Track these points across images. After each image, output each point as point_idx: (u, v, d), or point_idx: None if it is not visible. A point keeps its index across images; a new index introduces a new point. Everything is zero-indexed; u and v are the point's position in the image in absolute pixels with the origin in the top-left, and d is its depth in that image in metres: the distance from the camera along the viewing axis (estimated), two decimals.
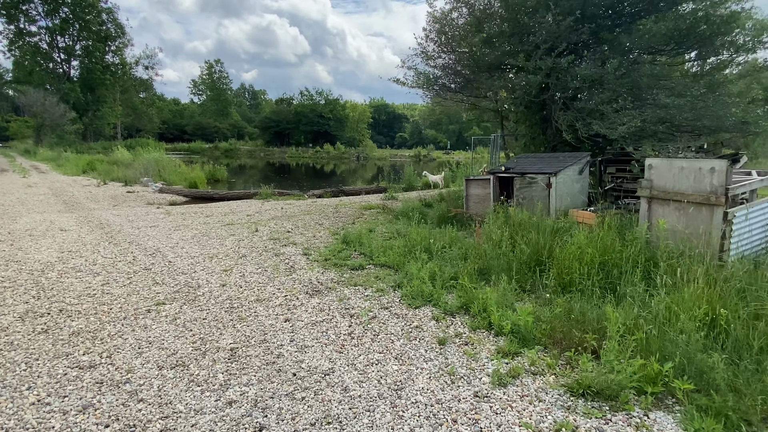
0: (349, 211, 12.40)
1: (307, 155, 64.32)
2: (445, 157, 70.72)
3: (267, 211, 12.27)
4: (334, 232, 9.44)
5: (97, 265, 6.80)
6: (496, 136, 13.14)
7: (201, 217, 11.34)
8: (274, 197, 15.88)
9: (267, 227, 9.85)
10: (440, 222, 9.89)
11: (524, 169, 9.15)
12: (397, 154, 69.81)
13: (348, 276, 6.33)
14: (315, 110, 78.46)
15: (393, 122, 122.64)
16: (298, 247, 8.02)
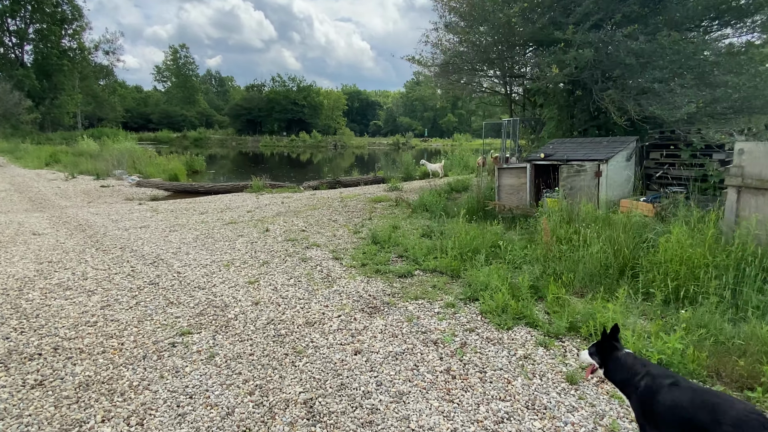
0: (359, 204, 11.34)
1: (282, 144, 62.23)
2: (423, 145, 69.97)
3: (267, 206, 11.07)
4: (354, 230, 8.39)
5: (89, 279, 5.57)
6: (514, 120, 12.26)
7: (195, 214, 10.06)
8: (267, 190, 14.63)
9: (277, 226, 8.70)
10: (471, 216, 8.98)
11: (567, 155, 8.31)
12: (376, 142, 68.48)
13: (400, 286, 5.33)
14: (288, 97, 75.97)
15: (366, 110, 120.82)
16: (324, 250, 6.95)
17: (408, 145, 63.99)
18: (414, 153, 55.02)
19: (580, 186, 7.81)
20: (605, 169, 7.71)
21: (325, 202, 11.67)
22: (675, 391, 2.18)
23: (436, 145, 71.37)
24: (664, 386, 2.22)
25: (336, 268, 6.03)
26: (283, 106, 75.61)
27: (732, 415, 1.95)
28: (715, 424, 1.96)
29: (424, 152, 59.29)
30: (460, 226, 6.84)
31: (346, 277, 5.67)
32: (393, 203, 11.24)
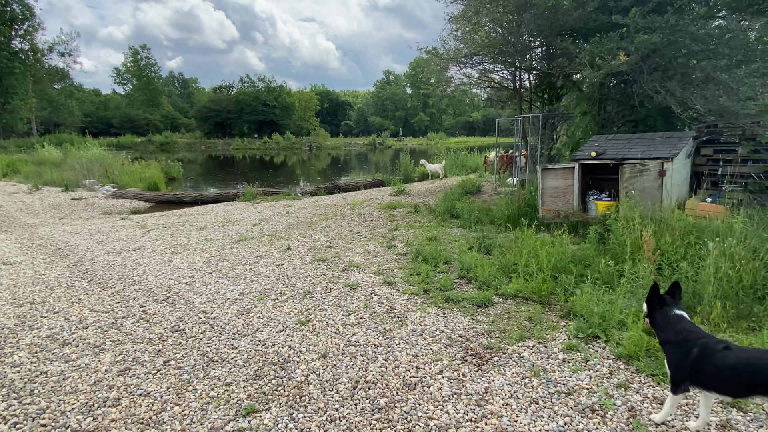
0: (373, 212, 10.29)
1: (254, 146, 60.15)
2: (399, 144, 69.14)
3: (273, 218, 9.88)
4: (386, 244, 7.36)
5: (90, 327, 4.34)
6: (534, 117, 11.46)
7: (194, 230, 8.78)
8: (262, 198, 13.38)
9: (296, 242, 7.56)
10: (512, 223, 8.10)
11: (620, 153, 7.53)
12: (351, 142, 67.14)
13: (487, 320, 4.35)
14: (258, 98, 73.54)
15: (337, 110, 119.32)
16: (367, 272, 5.89)
17: (384, 144, 63.07)
18: (391, 153, 54.23)
19: (643, 187, 7.03)
20: (670, 168, 6.96)
21: (335, 211, 10.56)
22: (731, 353, 2.41)
23: (411, 144, 70.65)
24: (718, 350, 2.44)
25: (396, 297, 4.99)
26: (253, 108, 73.25)
27: None
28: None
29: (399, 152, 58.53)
30: (529, 239, 5.91)
31: (415, 309, 4.64)
32: (411, 210, 10.24)
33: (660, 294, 2.81)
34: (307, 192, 14.20)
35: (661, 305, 2.78)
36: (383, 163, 29.89)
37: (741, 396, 2.54)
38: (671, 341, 2.63)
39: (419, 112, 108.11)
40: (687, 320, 2.69)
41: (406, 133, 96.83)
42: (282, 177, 25.81)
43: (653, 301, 2.82)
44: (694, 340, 2.53)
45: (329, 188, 14.77)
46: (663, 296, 2.81)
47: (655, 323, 2.80)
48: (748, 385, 2.33)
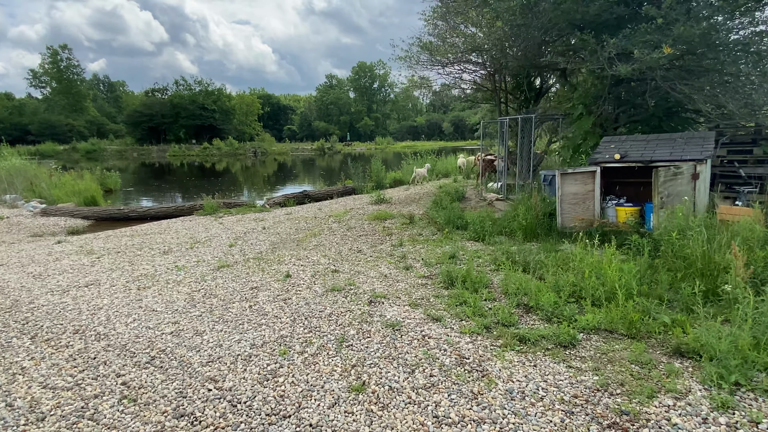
0: (363, 224, 9.20)
1: (193, 153, 56.59)
2: (347, 149, 67.99)
3: (248, 235, 8.52)
4: (400, 264, 6.34)
5: (48, 419, 2.98)
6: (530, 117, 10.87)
7: (155, 255, 7.28)
8: (225, 211, 11.86)
9: (293, 266, 6.34)
10: (532, 234, 7.34)
11: (645, 155, 6.98)
12: (299, 147, 64.97)
13: (589, 367, 3.47)
14: (196, 102, 69.38)
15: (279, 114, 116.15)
16: (399, 304, 4.83)
17: (333, 149, 61.67)
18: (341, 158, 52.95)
19: (677, 192, 6.49)
20: (703, 170, 6.48)
21: (319, 225, 9.36)
22: None
23: (360, 149, 69.80)
24: None
25: (456, 339, 3.98)
26: (190, 112, 69.11)
27: None
28: None
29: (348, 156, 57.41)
30: (579, 254, 5.12)
31: (491, 356, 3.66)
32: (406, 221, 9.25)
33: None
34: (276, 203, 12.81)
35: None
36: (336, 168, 28.79)
37: None
38: None
39: (364, 117, 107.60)
40: None
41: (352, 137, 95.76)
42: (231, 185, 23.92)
43: None
44: None
45: (299, 198, 13.45)
46: None
47: None
48: None
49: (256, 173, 33.88)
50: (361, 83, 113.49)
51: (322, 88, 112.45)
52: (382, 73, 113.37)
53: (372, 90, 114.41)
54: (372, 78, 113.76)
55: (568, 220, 7.42)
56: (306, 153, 59.53)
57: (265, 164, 44.76)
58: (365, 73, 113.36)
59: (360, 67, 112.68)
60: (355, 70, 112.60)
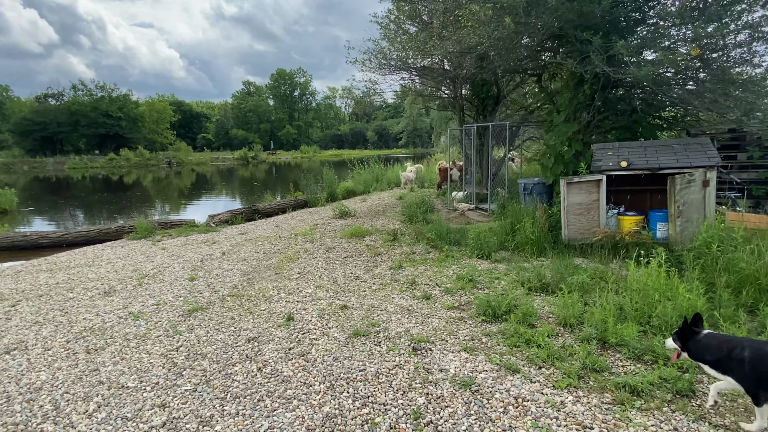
0: (342, 243, 8.12)
1: (97, 165, 50.74)
2: (272, 158, 65.21)
3: (207, 263, 7.08)
4: (416, 292, 5.42)
5: None
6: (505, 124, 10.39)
7: (95, 297, 5.65)
8: (162, 232, 10.12)
9: (286, 303, 5.13)
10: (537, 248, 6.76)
11: (650, 163, 6.69)
12: (219, 157, 60.92)
13: (735, 423, 2.80)
14: (98, 108, 62.40)
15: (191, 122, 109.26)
16: (450, 349, 3.90)
17: (258, 159, 58.79)
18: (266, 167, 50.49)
19: (690, 200, 6.24)
20: (712, 177, 6.30)
21: (288, 245, 8.11)
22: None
23: (285, 157, 67.34)
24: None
25: (556, 398, 3.14)
26: (92, 120, 62.20)
27: None
28: None
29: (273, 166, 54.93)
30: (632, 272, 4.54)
31: (619, 423, 2.86)
32: (389, 237, 8.30)
33: (689, 326, 2.91)
34: (222, 220, 11.20)
35: (693, 333, 2.89)
36: (263, 178, 27.28)
37: None
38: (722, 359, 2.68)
39: (286, 125, 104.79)
40: (717, 334, 2.88)
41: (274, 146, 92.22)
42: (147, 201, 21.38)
43: (685, 334, 2.91)
44: (740, 346, 2.62)
45: (247, 213, 11.94)
46: (691, 328, 2.91)
47: (692, 353, 2.87)
48: None
49: (175, 186, 30.86)
50: (281, 90, 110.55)
51: (239, 95, 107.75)
52: (302, 81, 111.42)
53: (293, 98, 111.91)
54: (292, 86, 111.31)
55: (574, 232, 6.95)
56: (227, 163, 56.07)
57: (182, 176, 41.21)
58: (285, 81, 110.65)
59: (279, 74, 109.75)
60: (275, 78, 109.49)
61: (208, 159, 57.35)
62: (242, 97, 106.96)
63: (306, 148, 74.47)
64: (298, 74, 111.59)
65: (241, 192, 25.08)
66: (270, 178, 35.43)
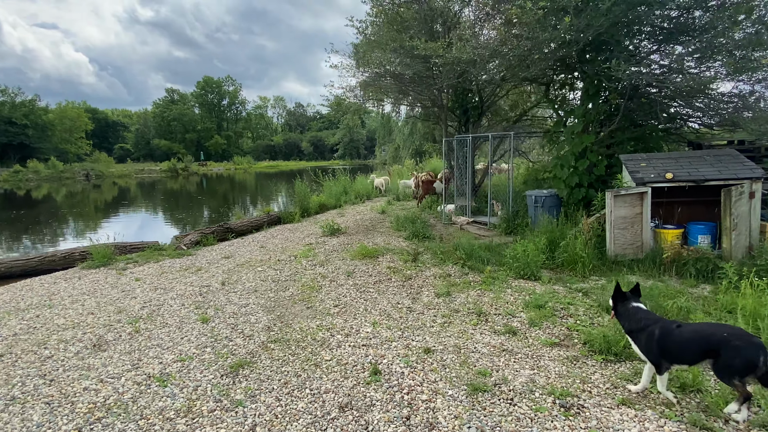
0: (358, 266, 7.16)
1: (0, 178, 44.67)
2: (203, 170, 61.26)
3: (210, 297, 5.82)
4: (496, 327, 4.67)
5: None
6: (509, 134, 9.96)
7: (84, 353, 4.28)
8: (125, 258, 8.52)
9: (351, 350, 4.15)
10: (585, 266, 6.28)
11: (693, 174, 6.49)
12: (144, 168, 55.91)
13: None
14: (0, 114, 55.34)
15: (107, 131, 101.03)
16: (608, 405, 3.20)
17: (188, 170, 54.97)
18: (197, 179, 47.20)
19: (740, 212, 6.07)
20: (758, 189, 6.19)
21: (298, 270, 7.01)
22: (684, 329, 3.01)
23: (218, 169, 63.64)
24: (673, 328, 3.02)
25: None
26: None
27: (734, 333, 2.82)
28: (724, 341, 2.76)
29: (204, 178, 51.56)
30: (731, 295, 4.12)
31: None
32: (407, 257, 7.48)
33: (622, 291, 3.43)
34: (192, 241, 9.70)
35: (623, 300, 3.41)
36: (194, 191, 25.50)
37: (695, 363, 2.98)
38: (634, 329, 3.22)
39: (214, 135, 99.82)
40: (644, 310, 3.30)
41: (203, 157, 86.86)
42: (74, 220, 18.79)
43: (616, 297, 3.44)
44: (653, 324, 3.11)
45: (218, 232, 10.50)
46: (625, 293, 3.43)
47: (619, 315, 3.40)
48: (701, 353, 2.88)
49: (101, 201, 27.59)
50: (208, 99, 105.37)
51: (162, 103, 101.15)
52: (231, 90, 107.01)
53: (221, 107, 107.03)
54: (220, 94, 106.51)
55: (619, 248, 6.56)
56: (154, 175, 51.73)
57: (102, 189, 37.23)
58: (212, 89, 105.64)
59: (206, 82, 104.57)
60: (201, 85, 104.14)
61: (132, 171, 52.54)
62: (165, 105, 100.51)
63: (240, 159, 71.14)
64: (227, 82, 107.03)
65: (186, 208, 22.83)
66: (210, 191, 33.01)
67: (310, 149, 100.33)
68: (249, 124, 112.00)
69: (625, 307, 3.34)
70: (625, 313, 3.31)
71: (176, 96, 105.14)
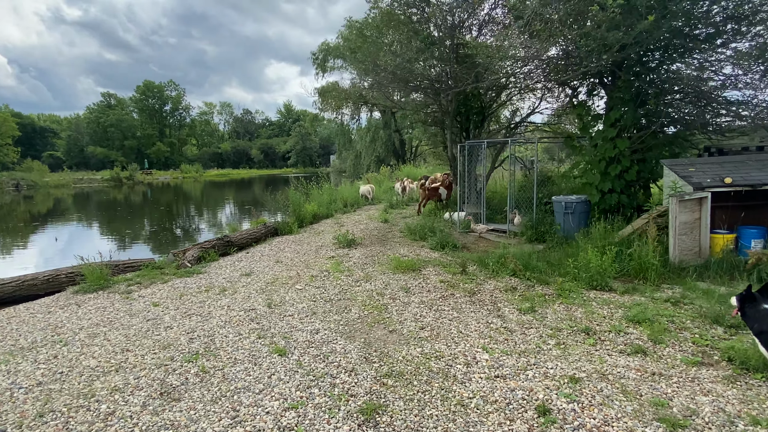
0: (411, 281, 6.55)
1: None
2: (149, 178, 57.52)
3: (265, 320, 5.02)
4: (618, 347, 4.26)
5: None
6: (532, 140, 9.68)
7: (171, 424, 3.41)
8: (124, 280, 7.42)
9: (491, 387, 3.58)
10: (660, 277, 6.05)
11: (748, 179, 6.47)
12: (84, 177, 51.47)
13: None
14: None
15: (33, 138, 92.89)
16: None
17: (134, 180, 51.40)
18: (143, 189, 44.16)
19: None
20: None
21: (342, 287, 6.30)
22: None
23: (164, 178, 60.02)
24: None
25: None
26: None
27: None
28: None
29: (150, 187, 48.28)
30: None
31: None
32: (455, 269, 6.97)
33: (752, 292, 3.36)
34: (192, 258, 8.64)
35: (752, 300, 3.33)
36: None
37: None
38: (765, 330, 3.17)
39: (156, 142, 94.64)
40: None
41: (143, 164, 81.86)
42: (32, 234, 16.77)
43: (745, 298, 3.37)
44: None
45: (219, 246, 9.47)
46: (754, 293, 3.35)
47: (746, 317, 3.36)
48: None
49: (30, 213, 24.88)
50: (148, 104, 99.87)
51: (97, 108, 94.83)
52: (174, 95, 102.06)
53: (163, 113, 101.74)
54: (162, 99, 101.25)
55: (683, 254, 6.41)
56: (95, 185, 47.87)
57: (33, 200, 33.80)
58: (153, 94, 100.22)
59: (147, 86, 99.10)
60: (141, 90, 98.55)
61: (70, 180, 48.29)
62: (101, 110, 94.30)
63: (187, 167, 67.73)
64: (169, 87, 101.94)
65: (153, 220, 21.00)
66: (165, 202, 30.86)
67: (260, 157, 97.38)
68: (194, 130, 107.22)
69: (755, 308, 3.28)
70: (755, 315, 3.27)
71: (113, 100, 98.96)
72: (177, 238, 15.46)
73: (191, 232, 17.20)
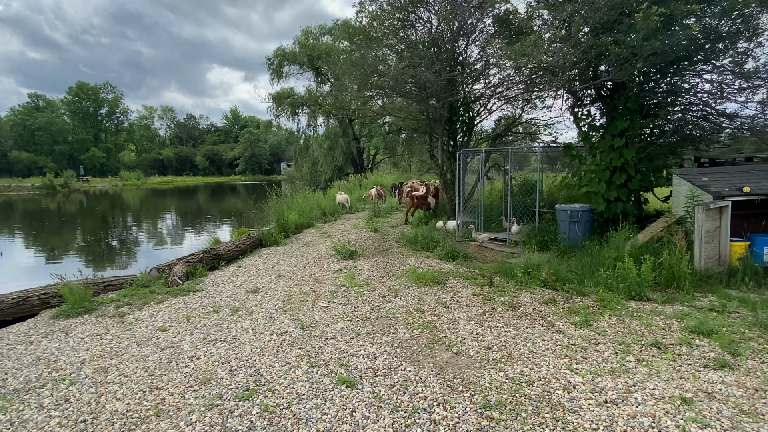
0: (441, 295, 6.16)
1: None
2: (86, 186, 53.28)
3: (307, 345, 4.46)
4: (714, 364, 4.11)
5: None
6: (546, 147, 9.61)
7: None
8: (114, 301, 6.51)
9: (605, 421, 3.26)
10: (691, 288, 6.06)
11: (762, 188, 6.67)
12: (11, 185, 46.73)
13: None
14: None
15: None
16: None
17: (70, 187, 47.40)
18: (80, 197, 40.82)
19: None
20: None
21: (373, 305, 5.80)
22: None
23: (102, 185, 55.82)
24: None
25: None
26: None
27: None
28: None
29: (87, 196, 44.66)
30: None
31: None
32: (483, 282, 6.67)
33: None
34: (181, 275, 7.76)
35: None
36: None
37: None
38: None
39: (91, 147, 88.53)
40: None
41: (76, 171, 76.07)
42: None
43: None
44: None
45: (207, 259, 8.62)
46: None
47: None
48: None
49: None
50: (82, 107, 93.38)
51: (23, 110, 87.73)
52: (111, 98, 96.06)
53: (99, 116, 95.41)
54: (98, 102, 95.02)
55: (707, 262, 6.48)
56: (25, 193, 43.68)
57: None
58: (88, 96, 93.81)
59: (80, 88, 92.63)
60: (74, 92, 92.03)
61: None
62: (28, 112, 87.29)
63: (127, 175, 63.63)
64: (105, 89, 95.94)
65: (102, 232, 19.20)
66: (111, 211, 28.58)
67: (205, 164, 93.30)
68: (132, 135, 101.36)
69: None
70: None
71: (42, 102, 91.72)
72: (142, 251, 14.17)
73: (156, 243, 15.87)
